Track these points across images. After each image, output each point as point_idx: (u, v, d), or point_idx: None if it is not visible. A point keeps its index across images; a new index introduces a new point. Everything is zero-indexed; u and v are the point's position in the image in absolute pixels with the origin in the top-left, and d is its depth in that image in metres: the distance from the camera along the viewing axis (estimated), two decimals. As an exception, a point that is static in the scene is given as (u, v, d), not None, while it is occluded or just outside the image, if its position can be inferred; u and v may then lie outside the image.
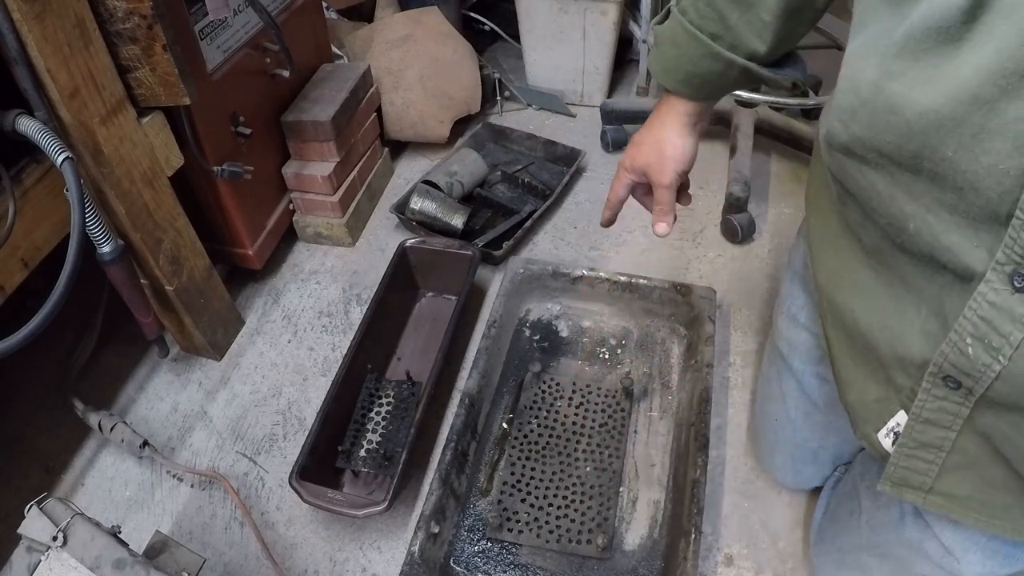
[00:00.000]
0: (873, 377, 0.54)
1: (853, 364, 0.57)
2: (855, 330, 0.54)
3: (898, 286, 0.48)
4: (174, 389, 1.10)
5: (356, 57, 1.48)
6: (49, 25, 0.69)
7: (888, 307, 0.50)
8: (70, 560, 0.62)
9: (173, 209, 0.95)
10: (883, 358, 0.51)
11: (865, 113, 0.42)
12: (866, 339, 0.53)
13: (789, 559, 0.86)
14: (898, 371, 0.49)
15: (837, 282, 0.57)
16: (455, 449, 0.88)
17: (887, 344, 0.50)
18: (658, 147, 0.68)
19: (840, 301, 0.56)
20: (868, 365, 0.54)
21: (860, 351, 0.55)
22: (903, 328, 0.48)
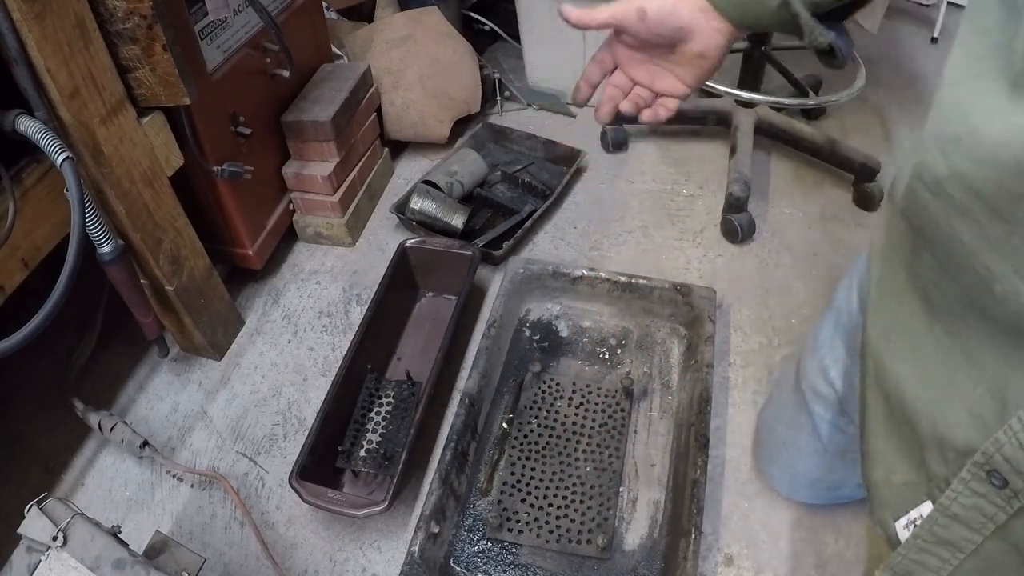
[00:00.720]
0: (905, 456, 0.47)
1: (886, 437, 0.51)
2: (896, 398, 0.48)
3: (958, 356, 0.42)
4: (174, 389, 1.10)
5: (356, 57, 1.48)
6: (49, 25, 0.69)
7: (940, 378, 0.44)
8: (70, 560, 0.62)
9: (173, 209, 0.95)
10: (921, 436, 0.45)
11: (971, 143, 0.36)
12: (906, 411, 0.47)
13: (789, 559, 0.86)
14: (935, 454, 0.44)
15: (890, 342, 0.51)
16: (455, 449, 0.88)
17: (929, 420, 0.44)
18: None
19: (888, 363, 0.50)
20: (902, 441, 0.48)
21: (897, 423, 0.49)
22: (952, 405, 0.42)
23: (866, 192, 1.33)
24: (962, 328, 0.42)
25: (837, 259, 1.25)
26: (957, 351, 0.42)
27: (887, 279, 0.54)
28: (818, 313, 1.15)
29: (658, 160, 1.48)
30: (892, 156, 1.47)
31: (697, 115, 1.48)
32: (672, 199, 1.39)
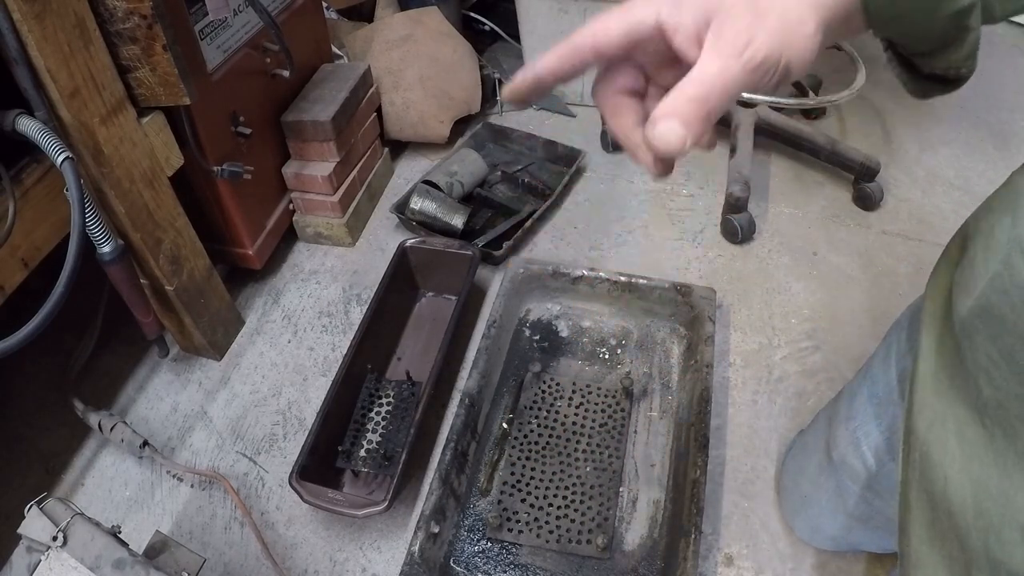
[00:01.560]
0: (948, 568, 0.41)
1: (928, 543, 0.44)
2: (943, 504, 0.41)
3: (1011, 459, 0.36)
4: (174, 389, 1.10)
5: (356, 57, 1.48)
6: (49, 25, 0.69)
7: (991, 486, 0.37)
8: (70, 560, 0.62)
9: (173, 209, 0.95)
10: (969, 552, 0.39)
11: None
12: (954, 520, 0.40)
13: (789, 559, 0.86)
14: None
15: (938, 435, 0.43)
16: (455, 449, 0.88)
17: (980, 538, 0.38)
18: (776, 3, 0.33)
19: (935, 459, 0.43)
20: (947, 552, 0.41)
21: (942, 531, 0.42)
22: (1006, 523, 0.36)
23: (866, 192, 1.33)
24: (1018, 427, 0.36)
25: (837, 259, 1.25)
26: (1012, 455, 0.36)
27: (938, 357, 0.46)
28: (818, 313, 1.15)
29: (658, 160, 1.48)
30: (893, 157, 1.47)
31: (697, 115, 1.47)
32: (672, 199, 1.39)
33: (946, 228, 1.26)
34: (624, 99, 0.39)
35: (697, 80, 0.32)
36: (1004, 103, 1.63)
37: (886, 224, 1.32)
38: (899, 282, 1.20)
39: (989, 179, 1.41)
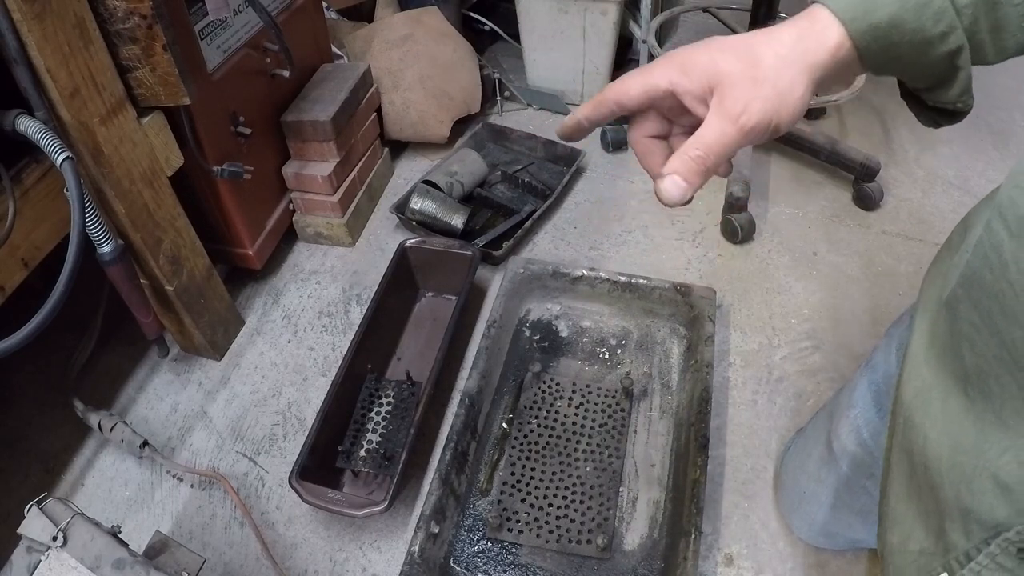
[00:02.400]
0: (923, 522, 0.44)
1: (906, 500, 0.46)
2: (921, 459, 0.44)
3: (989, 419, 0.38)
4: (174, 389, 1.10)
5: (356, 57, 1.48)
6: (49, 25, 0.69)
7: (966, 441, 0.39)
8: (70, 560, 0.62)
9: (173, 209, 0.95)
10: (943, 503, 0.41)
11: None
12: (930, 473, 0.43)
13: (789, 559, 0.86)
14: (956, 526, 0.40)
15: (922, 400, 0.46)
16: (455, 449, 0.88)
17: (952, 488, 0.40)
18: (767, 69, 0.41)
19: (917, 421, 0.46)
20: (922, 506, 0.44)
21: (918, 486, 0.45)
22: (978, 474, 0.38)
23: (866, 192, 1.33)
24: (996, 390, 0.38)
25: (837, 259, 1.25)
26: (990, 414, 0.38)
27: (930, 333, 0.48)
28: (818, 313, 1.15)
29: (658, 160, 1.48)
30: (892, 157, 1.47)
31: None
32: (672, 199, 1.39)
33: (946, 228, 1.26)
34: (652, 143, 0.46)
35: (698, 142, 0.40)
36: (1004, 103, 1.63)
37: (886, 224, 1.32)
38: (899, 282, 1.20)
39: (989, 179, 1.41)
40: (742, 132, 0.40)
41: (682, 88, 0.42)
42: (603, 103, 0.45)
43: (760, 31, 0.43)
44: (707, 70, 0.41)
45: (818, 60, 0.41)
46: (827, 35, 0.41)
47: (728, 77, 0.40)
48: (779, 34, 0.42)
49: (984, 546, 0.37)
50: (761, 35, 0.42)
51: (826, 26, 0.41)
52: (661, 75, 0.42)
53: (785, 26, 0.42)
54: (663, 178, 0.41)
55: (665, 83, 0.42)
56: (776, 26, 0.43)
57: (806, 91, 0.41)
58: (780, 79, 0.40)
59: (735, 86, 0.40)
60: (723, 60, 0.41)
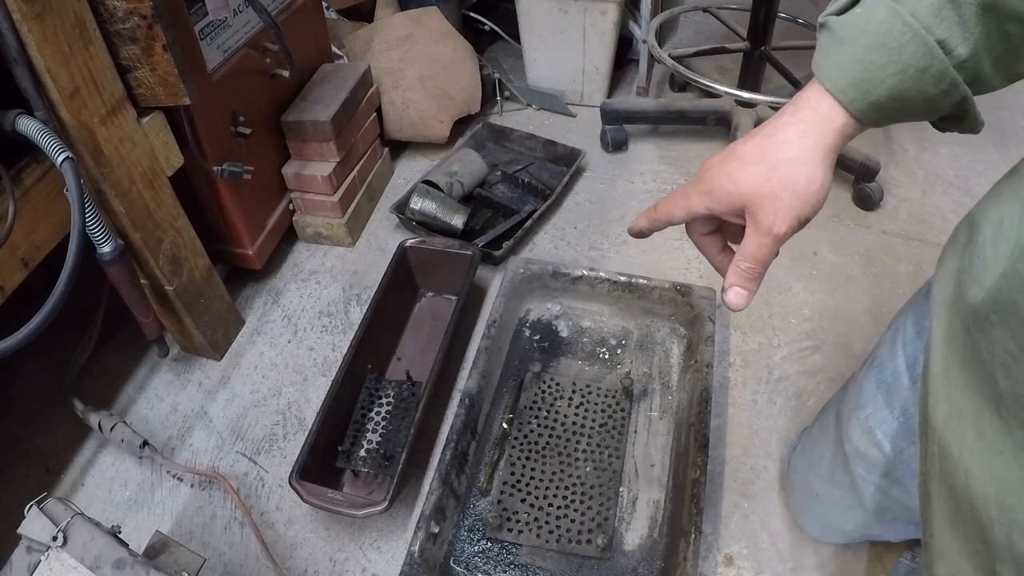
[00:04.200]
0: (972, 560, 0.42)
1: (951, 535, 0.45)
2: (966, 497, 0.42)
3: None
4: (174, 389, 1.10)
5: (356, 57, 1.48)
6: (49, 25, 0.69)
7: (1012, 479, 0.38)
8: (70, 560, 0.62)
9: (173, 209, 0.95)
10: (993, 545, 0.39)
11: None
12: (976, 513, 0.41)
13: (789, 559, 0.86)
14: (1008, 570, 0.38)
15: (956, 428, 0.44)
16: (455, 449, 0.88)
17: (1003, 532, 0.38)
18: (785, 173, 0.45)
19: (954, 453, 0.44)
20: (970, 543, 0.42)
21: (964, 523, 0.43)
22: None
23: (866, 192, 1.33)
24: None
25: (837, 259, 1.25)
26: None
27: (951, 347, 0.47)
28: (818, 313, 1.15)
29: (658, 160, 1.48)
30: (892, 157, 1.47)
31: (697, 115, 1.48)
32: (672, 199, 1.39)
33: (946, 228, 1.26)
34: (706, 239, 0.54)
35: (744, 256, 0.47)
36: (1004, 103, 1.63)
37: (886, 224, 1.32)
38: (899, 282, 1.20)
39: (989, 179, 1.41)
40: (777, 240, 0.46)
41: (717, 211, 0.48)
42: (656, 220, 0.53)
43: (767, 132, 0.46)
44: (732, 195, 0.47)
45: (828, 144, 0.45)
46: (831, 121, 0.45)
47: (752, 198, 0.46)
48: (785, 133, 0.46)
49: None
50: (771, 139, 0.46)
51: (828, 112, 0.44)
52: (698, 202, 0.49)
53: (790, 120, 0.46)
54: (727, 291, 0.48)
55: (702, 208, 0.49)
56: (781, 120, 0.46)
57: (824, 177, 0.45)
58: (797, 183, 0.45)
59: (761, 205, 0.45)
60: (743, 182, 0.46)
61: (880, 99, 0.43)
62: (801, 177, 0.45)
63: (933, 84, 0.42)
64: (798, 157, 0.45)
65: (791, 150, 0.45)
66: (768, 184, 0.45)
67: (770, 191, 0.45)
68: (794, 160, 0.45)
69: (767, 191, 0.45)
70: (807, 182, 0.45)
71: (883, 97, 0.43)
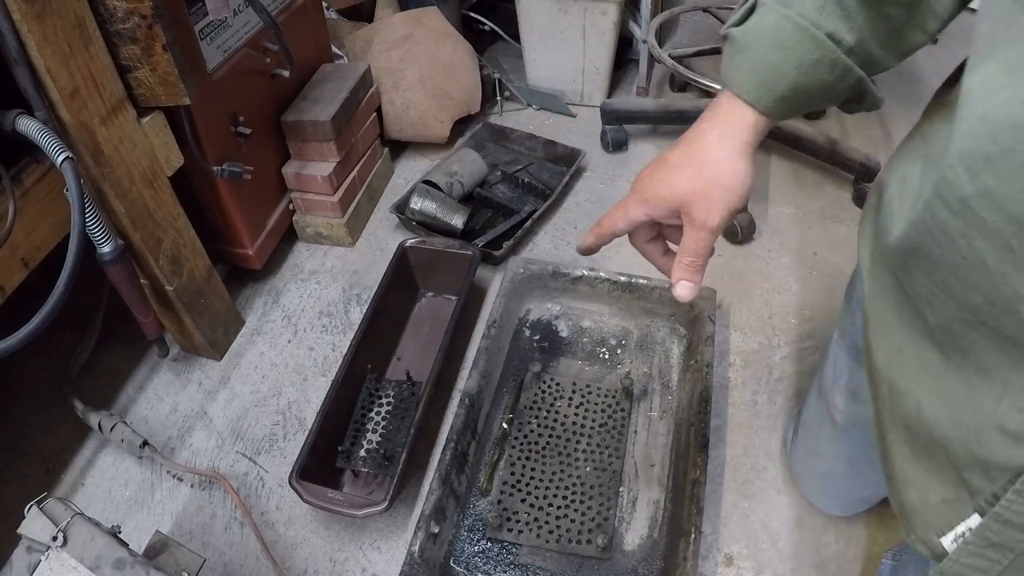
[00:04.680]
0: (939, 477, 0.46)
1: (913, 460, 0.49)
2: (918, 422, 0.46)
3: (971, 371, 0.41)
4: (174, 389, 1.10)
5: (356, 57, 1.48)
6: (49, 25, 0.69)
7: (959, 398, 0.42)
8: (70, 560, 0.62)
9: (173, 209, 0.95)
10: (957, 459, 0.43)
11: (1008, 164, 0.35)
12: (934, 436, 0.45)
13: (789, 559, 0.86)
14: (977, 474, 0.42)
15: (899, 363, 0.49)
16: (455, 449, 0.88)
17: (962, 445, 0.42)
18: (711, 172, 0.50)
19: (902, 387, 0.48)
20: (933, 463, 0.46)
21: (925, 447, 0.47)
22: (983, 428, 0.40)
23: (866, 192, 1.33)
24: (968, 345, 0.41)
25: (837, 259, 1.25)
26: (972, 369, 0.41)
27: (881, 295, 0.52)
28: (818, 313, 1.15)
29: (658, 160, 1.48)
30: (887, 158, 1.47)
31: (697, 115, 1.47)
32: (672, 199, 1.39)
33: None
34: (648, 246, 0.59)
35: (685, 252, 0.52)
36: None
37: (886, 224, 1.32)
38: (899, 282, 1.20)
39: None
40: (713, 231, 0.51)
41: (656, 216, 0.54)
42: (601, 234, 0.57)
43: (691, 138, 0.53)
44: (668, 199, 0.52)
45: (744, 140, 0.51)
46: (744, 120, 0.51)
47: (686, 198, 0.51)
48: (706, 137, 0.52)
49: (1010, 485, 0.39)
50: (694, 144, 0.52)
51: (741, 113, 0.51)
52: (637, 211, 0.54)
53: (708, 126, 0.52)
54: (675, 285, 0.53)
55: (642, 216, 0.54)
56: (701, 127, 0.53)
57: (746, 169, 0.51)
58: (722, 177, 0.50)
59: (694, 203, 0.50)
60: (676, 185, 0.51)
61: (784, 93, 0.48)
62: (726, 173, 0.50)
63: (828, 72, 0.47)
64: (721, 156, 0.51)
65: (714, 151, 0.51)
66: (698, 184, 0.50)
67: (701, 189, 0.50)
68: (718, 159, 0.51)
69: (698, 190, 0.50)
70: (731, 176, 0.50)
71: (786, 91, 0.48)
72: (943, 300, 0.42)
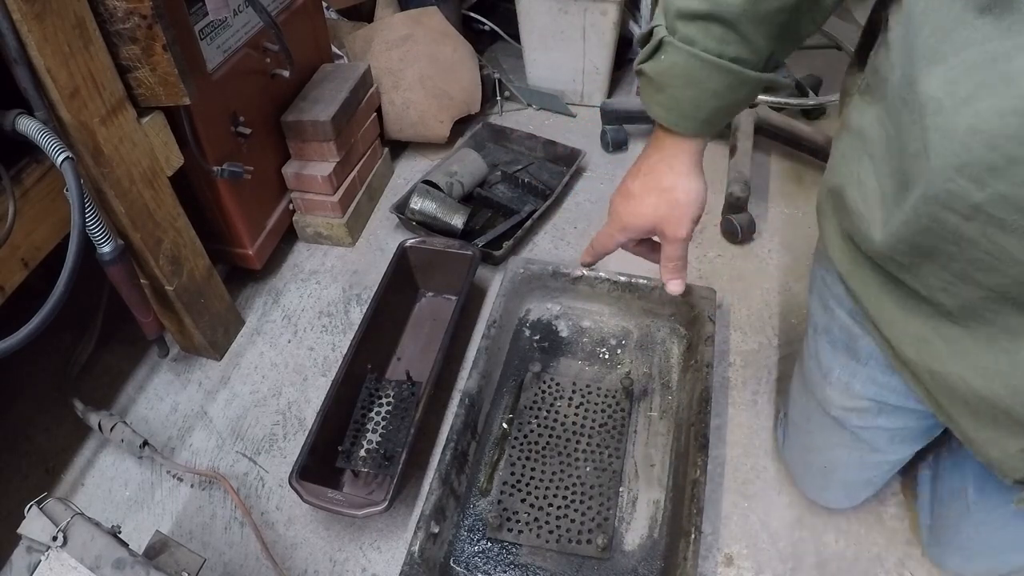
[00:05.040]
0: (1012, 432, 0.49)
1: (984, 426, 0.52)
2: (972, 396, 0.49)
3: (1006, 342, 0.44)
4: (174, 389, 1.10)
5: (356, 57, 1.48)
6: (49, 25, 0.69)
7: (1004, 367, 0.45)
8: (70, 560, 0.62)
9: (173, 209, 0.95)
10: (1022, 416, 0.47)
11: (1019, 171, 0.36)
12: (993, 403, 0.48)
13: (789, 559, 0.86)
14: None
15: (929, 350, 0.52)
16: (455, 449, 0.88)
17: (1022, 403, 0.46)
18: (670, 196, 0.61)
19: (941, 369, 0.51)
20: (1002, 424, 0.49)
21: (988, 414, 0.50)
22: None
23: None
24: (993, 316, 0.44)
25: (837, 259, 1.25)
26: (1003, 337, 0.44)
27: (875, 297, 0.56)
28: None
29: (658, 160, 1.48)
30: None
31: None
32: (672, 199, 1.39)
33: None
34: (639, 248, 0.72)
35: (667, 258, 0.66)
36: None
37: (886, 224, 1.32)
38: (899, 282, 1.20)
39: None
40: (685, 240, 0.63)
41: (636, 237, 0.68)
42: (596, 254, 0.72)
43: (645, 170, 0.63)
44: (641, 225, 0.64)
45: (688, 162, 0.61)
46: (680, 147, 0.60)
47: (656, 221, 0.63)
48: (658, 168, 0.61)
49: None
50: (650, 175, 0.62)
51: (675, 142, 0.59)
52: (620, 237, 0.67)
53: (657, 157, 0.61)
54: (667, 284, 0.67)
55: (625, 239, 0.68)
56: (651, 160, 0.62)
57: (697, 185, 0.62)
58: (680, 197, 0.61)
59: (665, 223, 0.62)
60: (644, 215, 0.63)
61: (706, 117, 0.56)
62: (682, 193, 0.61)
63: (740, 88, 0.53)
64: (674, 182, 0.61)
65: (667, 179, 0.61)
66: (662, 208, 0.62)
67: (666, 212, 0.62)
68: (673, 185, 0.61)
69: (663, 213, 0.62)
70: (687, 194, 0.61)
71: (708, 115, 0.56)
72: (963, 287, 0.45)
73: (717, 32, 0.50)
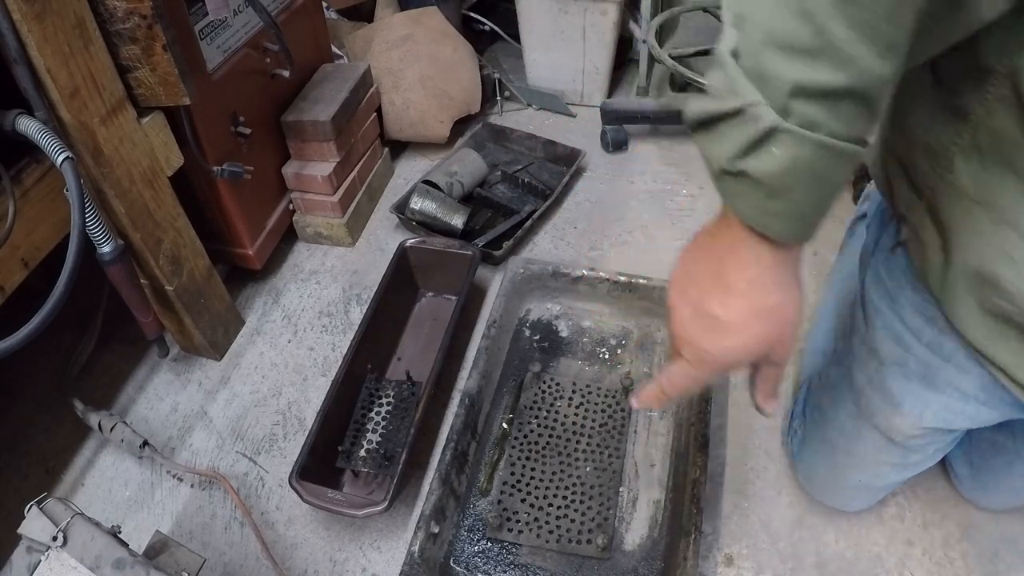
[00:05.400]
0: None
1: None
2: None
3: None
4: (174, 389, 1.10)
5: (356, 57, 1.48)
6: (49, 25, 0.69)
7: None
8: (70, 560, 0.62)
9: (173, 209, 0.95)
10: None
11: None
12: None
13: (789, 559, 0.86)
14: None
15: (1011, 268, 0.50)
16: (455, 449, 0.88)
17: None
18: (779, 316, 0.49)
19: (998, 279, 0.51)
20: None
21: None
22: None
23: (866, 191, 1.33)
24: None
25: (837, 259, 1.25)
26: None
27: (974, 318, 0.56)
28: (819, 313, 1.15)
29: (658, 160, 1.48)
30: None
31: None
32: (672, 199, 1.39)
33: (946, 228, 1.26)
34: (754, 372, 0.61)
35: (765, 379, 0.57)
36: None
37: (886, 224, 1.32)
38: (899, 282, 1.20)
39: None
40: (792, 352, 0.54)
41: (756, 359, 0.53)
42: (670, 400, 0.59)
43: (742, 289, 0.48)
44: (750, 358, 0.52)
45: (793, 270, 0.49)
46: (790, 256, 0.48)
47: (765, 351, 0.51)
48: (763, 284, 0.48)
49: None
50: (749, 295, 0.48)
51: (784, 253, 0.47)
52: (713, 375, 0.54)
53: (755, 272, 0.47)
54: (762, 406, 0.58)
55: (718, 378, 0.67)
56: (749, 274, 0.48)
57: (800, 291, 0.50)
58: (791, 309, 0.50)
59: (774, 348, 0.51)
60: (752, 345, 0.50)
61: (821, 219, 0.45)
62: (791, 308, 0.50)
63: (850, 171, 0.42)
64: (782, 298, 0.49)
65: (773, 295, 0.48)
66: (772, 333, 0.49)
67: (776, 337, 0.50)
68: (781, 302, 0.49)
69: (774, 339, 0.50)
70: (796, 309, 0.50)
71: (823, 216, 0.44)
72: None
73: (849, 111, 0.38)
